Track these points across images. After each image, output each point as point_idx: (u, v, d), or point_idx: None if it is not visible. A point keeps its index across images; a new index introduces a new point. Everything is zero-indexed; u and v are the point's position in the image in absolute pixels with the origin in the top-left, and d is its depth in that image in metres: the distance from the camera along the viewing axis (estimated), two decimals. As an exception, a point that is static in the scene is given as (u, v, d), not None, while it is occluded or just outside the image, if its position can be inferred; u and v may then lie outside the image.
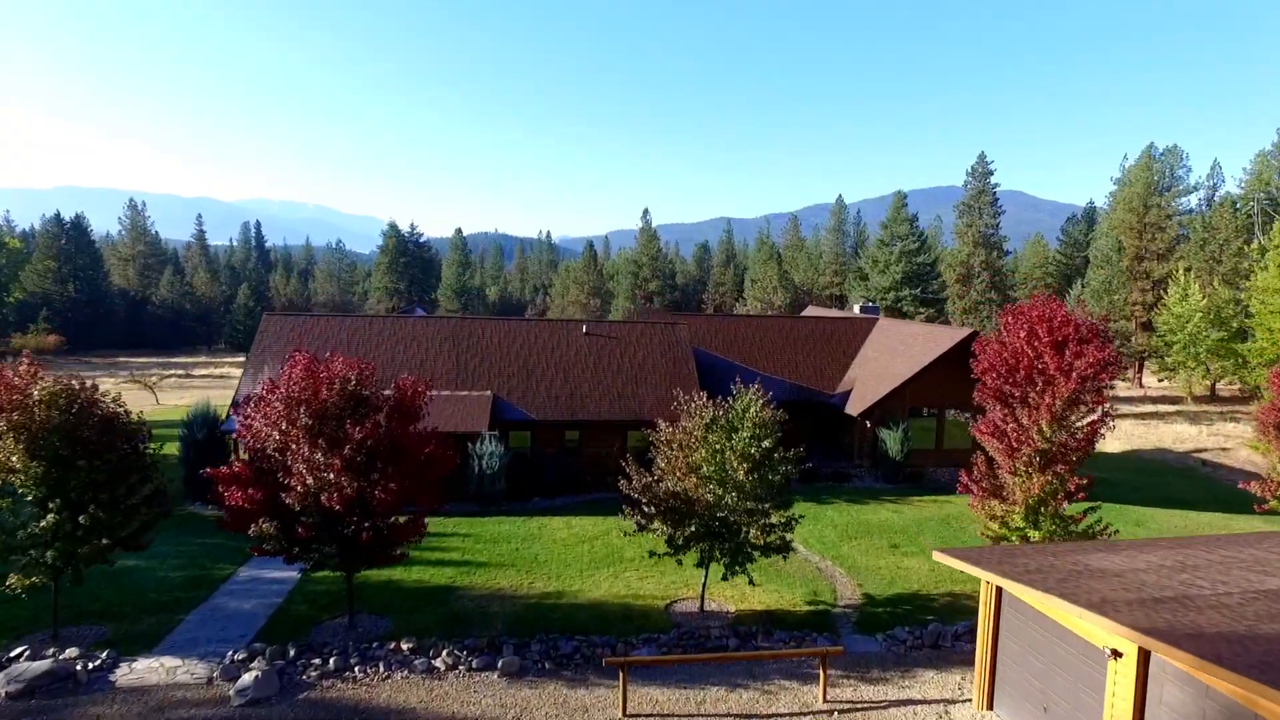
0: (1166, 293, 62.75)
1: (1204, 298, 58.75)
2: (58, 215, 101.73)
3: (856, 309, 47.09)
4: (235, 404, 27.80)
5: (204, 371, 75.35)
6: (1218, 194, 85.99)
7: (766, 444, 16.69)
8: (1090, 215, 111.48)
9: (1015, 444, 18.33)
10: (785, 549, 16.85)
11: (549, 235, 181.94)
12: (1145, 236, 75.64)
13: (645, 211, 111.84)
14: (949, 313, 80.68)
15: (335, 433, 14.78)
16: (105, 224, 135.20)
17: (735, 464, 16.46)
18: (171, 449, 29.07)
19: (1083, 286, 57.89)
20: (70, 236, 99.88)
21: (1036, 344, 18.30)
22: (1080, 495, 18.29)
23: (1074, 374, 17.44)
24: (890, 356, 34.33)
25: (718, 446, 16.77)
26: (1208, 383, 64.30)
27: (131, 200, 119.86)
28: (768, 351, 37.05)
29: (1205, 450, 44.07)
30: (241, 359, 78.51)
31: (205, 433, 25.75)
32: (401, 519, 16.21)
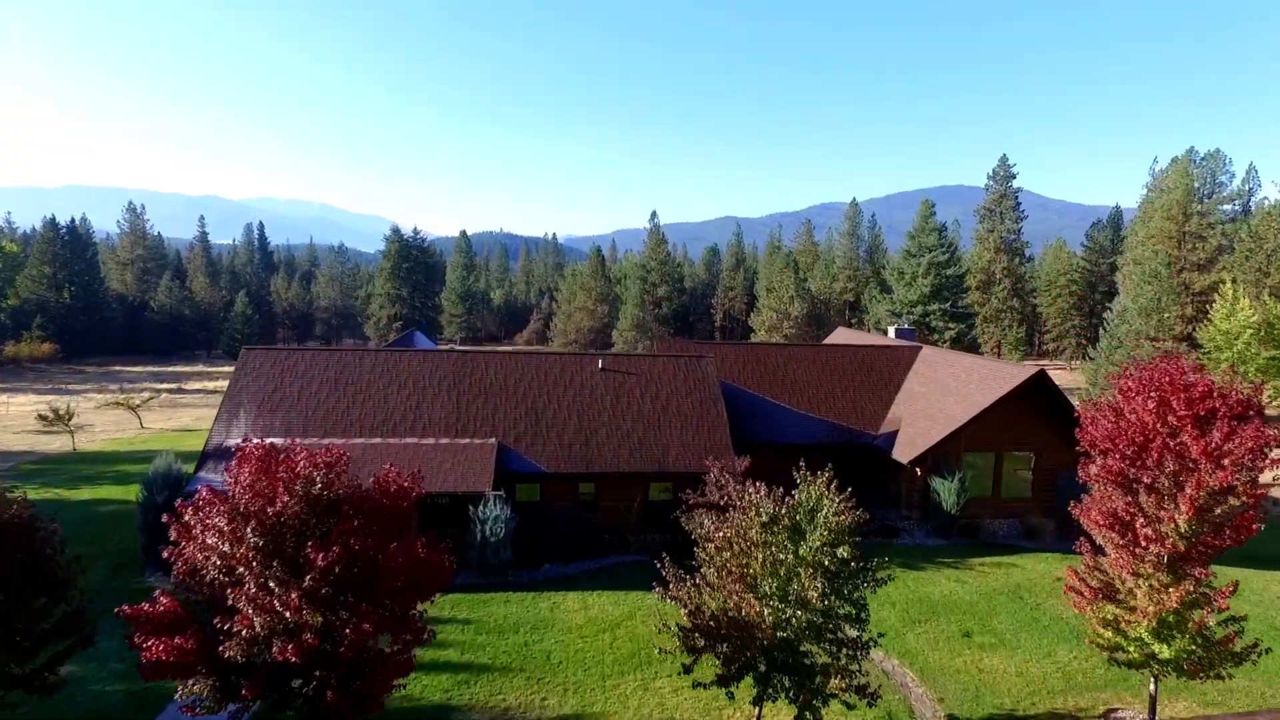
0: (1211, 306, 59.00)
1: (1253, 312, 54.96)
2: (53, 219, 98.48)
3: (891, 332, 43.42)
4: (205, 456, 24.41)
5: (198, 385, 72.05)
6: (1253, 200, 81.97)
7: (843, 553, 13.24)
8: (1116, 220, 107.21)
9: (1143, 541, 14.84)
10: (874, 696, 13.27)
11: (555, 236, 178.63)
12: (1185, 246, 71.69)
13: (653, 214, 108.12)
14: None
15: (295, 554, 11.37)
16: (111, 224, 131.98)
17: (805, 580, 13.00)
18: (134, 494, 25.65)
19: (1132, 300, 54.01)
20: (65, 241, 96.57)
21: (1170, 419, 14.83)
22: (1225, 606, 14.83)
23: (1227, 461, 13.95)
24: (940, 394, 30.76)
25: (780, 556, 13.33)
26: (1255, 402, 60.47)
27: (130, 203, 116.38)
28: (800, 384, 33.53)
29: (1269, 486, 40.39)
30: (236, 371, 75.26)
31: (166, 495, 22.32)
32: (384, 647, 12.80)
